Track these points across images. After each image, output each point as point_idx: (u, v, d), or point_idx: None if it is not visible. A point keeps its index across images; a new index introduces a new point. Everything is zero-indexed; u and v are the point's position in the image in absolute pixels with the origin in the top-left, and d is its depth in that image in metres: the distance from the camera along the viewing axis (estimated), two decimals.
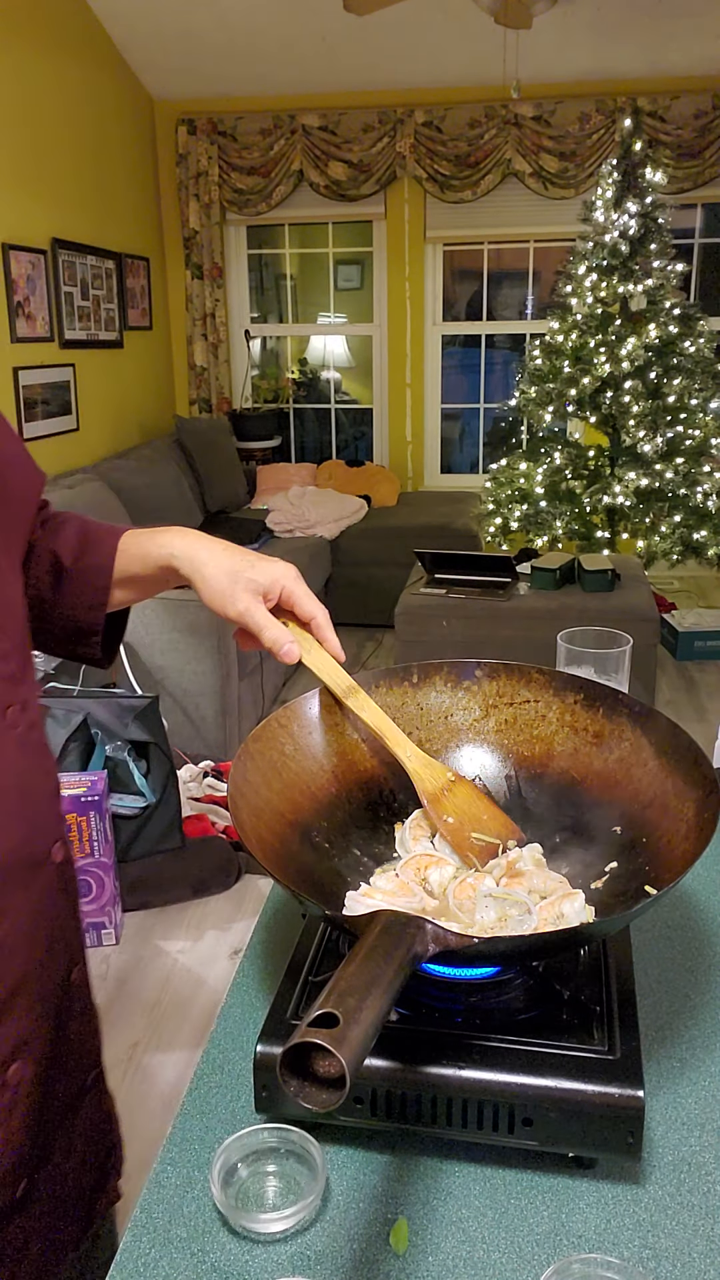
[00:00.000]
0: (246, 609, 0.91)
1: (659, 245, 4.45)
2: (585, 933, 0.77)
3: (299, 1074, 0.57)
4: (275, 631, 0.91)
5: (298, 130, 5.32)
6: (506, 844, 0.95)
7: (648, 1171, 0.75)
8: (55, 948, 0.87)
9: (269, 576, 0.92)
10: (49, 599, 0.96)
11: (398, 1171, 0.76)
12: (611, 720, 0.97)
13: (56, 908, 0.87)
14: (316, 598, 0.95)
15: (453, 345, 5.91)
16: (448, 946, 0.68)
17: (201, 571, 0.91)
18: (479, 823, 0.95)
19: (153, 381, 5.61)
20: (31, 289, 4.14)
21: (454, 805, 0.95)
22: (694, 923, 1.05)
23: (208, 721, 3.37)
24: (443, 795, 0.95)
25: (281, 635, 0.92)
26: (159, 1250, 0.70)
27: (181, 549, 0.92)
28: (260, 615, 0.91)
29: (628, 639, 1.29)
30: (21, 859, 0.81)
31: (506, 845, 0.95)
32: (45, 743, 0.88)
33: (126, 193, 5.19)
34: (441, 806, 0.95)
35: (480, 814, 0.96)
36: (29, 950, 0.82)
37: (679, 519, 4.46)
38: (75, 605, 0.95)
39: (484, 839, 0.94)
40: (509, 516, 4.71)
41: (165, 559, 0.93)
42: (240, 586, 0.91)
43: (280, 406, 6.04)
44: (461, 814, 0.95)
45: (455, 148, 5.25)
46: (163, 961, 2.43)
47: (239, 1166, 0.75)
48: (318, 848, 0.91)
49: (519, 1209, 0.73)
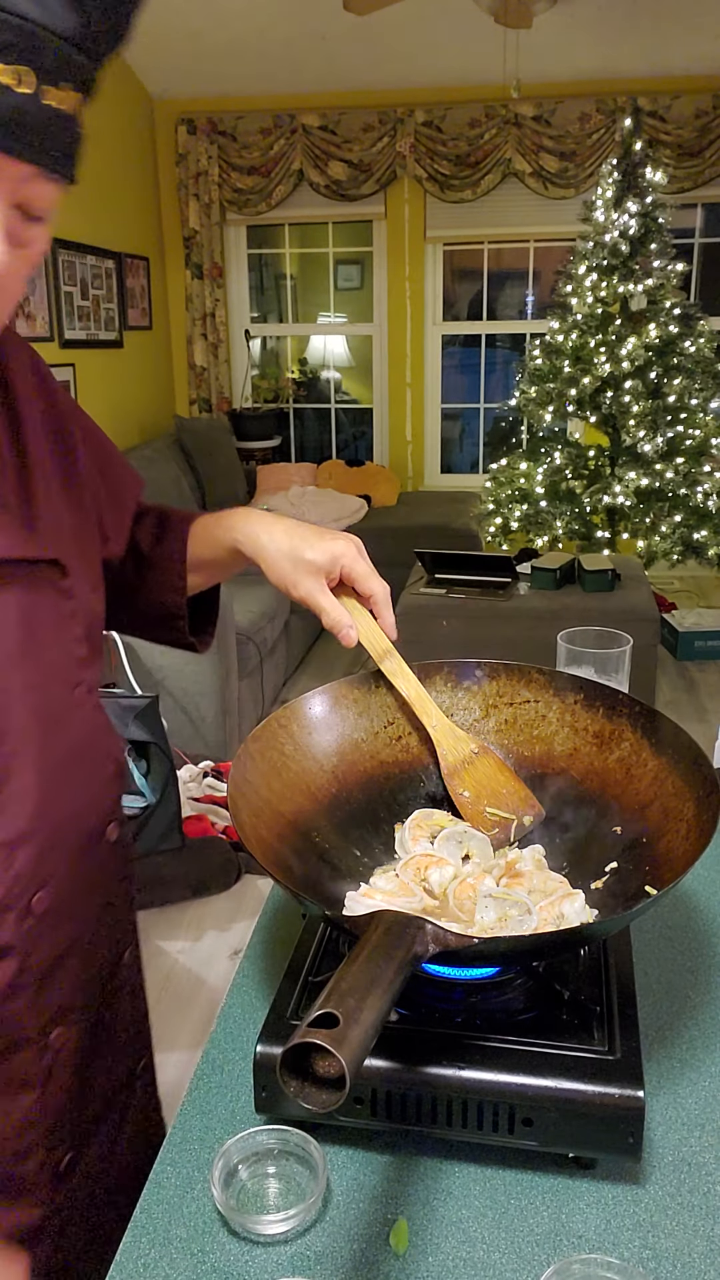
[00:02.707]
0: (308, 593, 0.94)
1: (659, 245, 4.45)
2: (585, 933, 0.77)
3: (299, 1074, 0.57)
4: (335, 615, 0.94)
5: (298, 130, 5.32)
6: (523, 819, 0.95)
7: (648, 1171, 0.75)
8: (105, 924, 0.88)
9: (328, 555, 0.94)
10: (134, 585, 1.00)
11: (398, 1172, 0.76)
12: (611, 720, 0.97)
13: (109, 885, 0.89)
14: (378, 574, 0.97)
15: (453, 345, 5.90)
16: (448, 946, 0.68)
17: (263, 555, 0.94)
18: (496, 797, 0.96)
19: (152, 381, 5.61)
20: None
21: (473, 778, 0.96)
22: (694, 923, 1.05)
23: (208, 721, 3.37)
24: (463, 768, 0.96)
25: (341, 618, 0.94)
26: (159, 1251, 0.70)
27: (245, 533, 0.95)
28: (322, 599, 0.94)
29: (628, 639, 1.29)
30: (77, 829, 0.83)
31: (523, 820, 0.95)
32: (110, 726, 0.90)
33: (126, 192, 5.18)
34: (459, 779, 0.95)
35: (500, 788, 0.96)
36: (78, 920, 0.84)
37: (679, 519, 4.46)
38: (158, 590, 1.00)
39: (497, 814, 0.95)
40: (509, 516, 4.71)
41: (231, 542, 0.96)
42: (301, 570, 0.93)
43: (280, 406, 6.04)
44: (479, 788, 0.96)
45: (455, 147, 5.25)
46: (163, 961, 2.43)
47: (239, 1167, 0.75)
48: (318, 848, 0.91)
49: (519, 1209, 0.73)
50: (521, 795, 0.97)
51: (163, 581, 1.00)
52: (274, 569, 0.94)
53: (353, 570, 0.95)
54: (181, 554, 0.99)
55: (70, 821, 0.82)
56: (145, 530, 1.01)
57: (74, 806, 0.82)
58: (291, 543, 0.94)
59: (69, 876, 0.82)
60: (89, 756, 0.84)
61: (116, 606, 0.98)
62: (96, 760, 0.86)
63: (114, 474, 0.95)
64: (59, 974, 0.82)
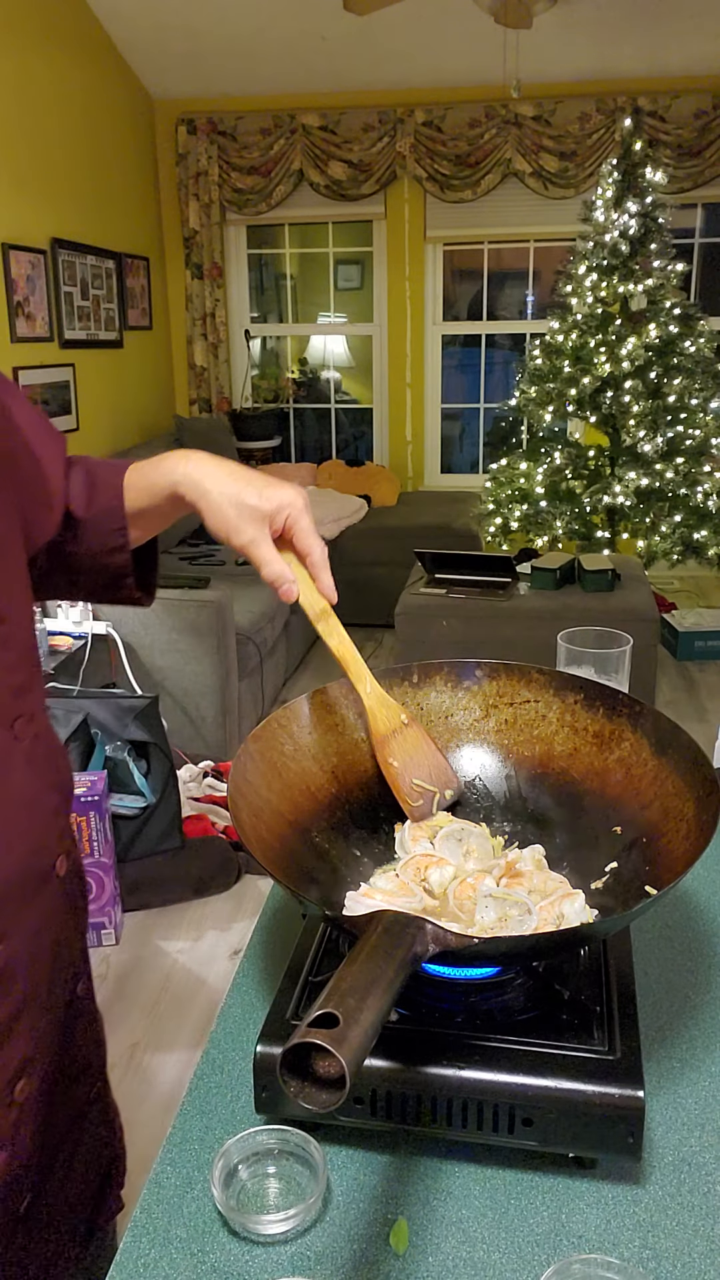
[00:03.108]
0: (250, 541, 0.87)
1: (659, 245, 4.45)
2: (585, 933, 0.77)
3: (299, 1074, 0.57)
4: (276, 568, 0.88)
5: (298, 130, 5.32)
6: (443, 793, 0.97)
7: (648, 1171, 0.75)
8: (60, 963, 0.86)
9: (274, 503, 0.87)
10: (73, 551, 0.92)
11: (398, 1171, 0.76)
12: (611, 720, 0.97)
13: (61, 922, 0.86)
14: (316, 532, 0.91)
15: (453, 345, 5.90)
16: (448, 946, 0.68)
17: (207, 498, 0.86)
18: (421, 769, 0.97)
19: (153, 381, 5.61)
20: (31, 289, 4.13)
21: (400, 748, 0.96)
22: (694, 923, 1.05)
23: (208, 721, 3.37)
24: (392, 737, 0.96)
25: (283, 572, 0.88)
26: (159, 1251, 0.70)
27: (185, 473, 0.87)
28: (265, 549, 0.87)
29: (628, 639, 1.29)
30: (26, 876, 0.79)
31: (443, 795, 0.97)
32: (55, 748, 0.86)
33: (126, 192, 5.18)
34: (389, 748, 0.96)
35: (424, 760, 0.97)
36: (34, 969, 0.81)
37: (679, 519, 4.46)
38: (98, 552, 0.91)
39: (423, 785, 0.96)
40: (509, 516, 4.71)
41: (170, 486, 0.88)
42: (246, 517, 0.86)
43: (280, 406, 6.04)
44: (406, 758, 0.96)
45: (455, 147, 5.25)
46: (163, 961, 2.43)
47: (239, 1167, 0.75)
48: (318, 848, 0.91)
49: (519, 1209, 0.73)
50: (443, 769, 0.98)
51: (103, 543, 0.91)
52: (216, 514, 0.86)
53: (297, 523, 0.88)
54: (119, 510, 0.90)
55: (17, 874, 0.78)
56: (75, 490, 0.91)
57: (19, 854, 0.78)
58: (237, 487, 0.86)
59: (19, 930, 0.78)
60: (33, 797, 0.80)
61: (53, 573, 0.92)
62: (41, 794, 0.82)
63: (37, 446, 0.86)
64: (17, 1029, 0.79)
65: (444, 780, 0.98)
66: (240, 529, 0.86)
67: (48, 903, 0.83)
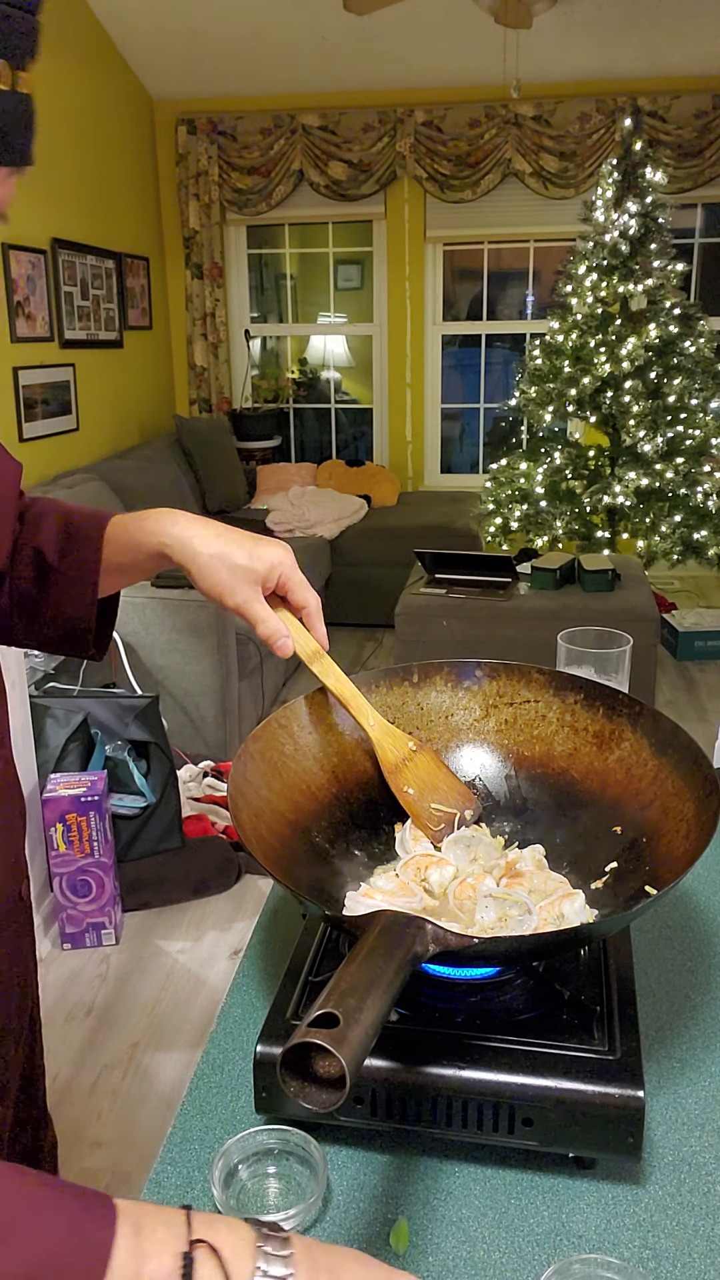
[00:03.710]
0: (244, 601, 0.88)
1: (659, 245, 4.45)
2: (585, 933, 0.77)
3: (299, 1074, 0.57)
4: (272, 625, 0.89)
5: (298, 130, 5.32)
6: (463, 813, 0.97)
7: (648, 1171, 0.75)
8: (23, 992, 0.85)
9: (266, 563, 0.88)
10: (36, 598, 0.90)
11: (398, 1171, 0.76)
12: (611, 720, 0.97)
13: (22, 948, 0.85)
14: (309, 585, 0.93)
15: (453, 345, 5.90)
16: (448, 946, 0.68)
17: (196, 560, 0.86)
18: (437, 792, 0.97)
19: (152, 381, 5.61)
20: (31, 289, 4.13)
21: (414, 775, 0.96)
22: (694, 923, 1.05)
23: (208, 721, 3.37)
24: (403, 765, 0.96)
25: (278, 629, 0.90)
26: None
27: (174, 536, 0.87)
28: (258, 608, 0.88)
29: (628, 639, 1.29)
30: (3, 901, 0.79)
31: (464, 815, 0.97)
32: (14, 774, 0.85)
33: (126, 192, 5.18)
34: (401, 777, 0.96)
35: (439, 784, 0.97)
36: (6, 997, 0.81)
37: (679, 519, 4.46)
38: (64, 603, 0.90)
39: (443, 809, 0.96)
40: (509, 516, 4.71)
41: (156, 546, 0.88)
42: (238, 577, 0.87)
43: (280, 406, 6.04)
44: (421, 784, 0.96)
45: (455, 147, 5.25)
46: (163, 961, 2.43)
47: (239, 1167, 0.75)
48: (318, 848, 0.91)
49: (519, 1209, 0.73)
50: (459, 790, 0.98)
51: (71, 594, 0.89)
52: (208, 577, 0.86)
53: (290, 579, 0.90)
54: (95, 563, 0.88)
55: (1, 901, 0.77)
56: (47, 537, 0.89)
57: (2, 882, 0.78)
58: (227, 549, 0.86)
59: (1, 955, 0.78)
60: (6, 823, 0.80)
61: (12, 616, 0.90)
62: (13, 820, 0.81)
63: None
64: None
65: (462, 800, 0.97)
66: (234, 590, 0.87)
67: (14, 931, 0.83)
